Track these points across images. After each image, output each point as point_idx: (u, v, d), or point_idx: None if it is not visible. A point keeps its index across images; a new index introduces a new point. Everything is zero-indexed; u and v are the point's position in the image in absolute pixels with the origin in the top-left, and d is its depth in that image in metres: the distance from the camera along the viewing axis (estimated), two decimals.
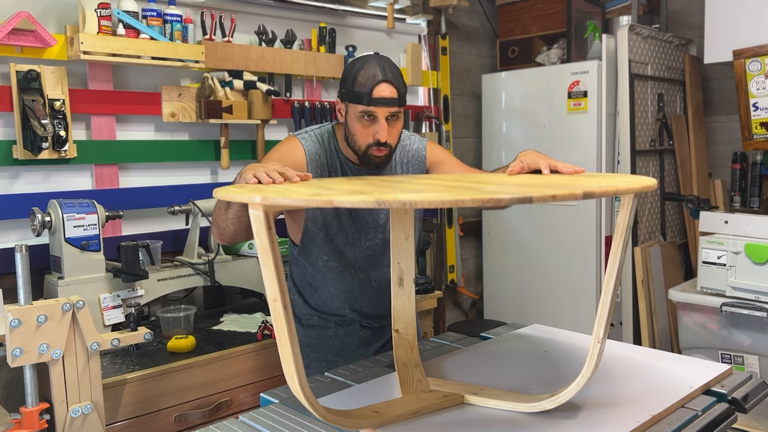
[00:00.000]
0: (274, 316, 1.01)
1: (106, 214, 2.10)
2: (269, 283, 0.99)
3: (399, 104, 1.57)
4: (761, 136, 2.86)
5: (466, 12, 3.68)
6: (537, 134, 3.36)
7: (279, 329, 1.00)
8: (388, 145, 1.59)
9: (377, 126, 1.57)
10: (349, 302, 1.76)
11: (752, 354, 2.39)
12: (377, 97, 1.54)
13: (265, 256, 0.97)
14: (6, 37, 2.00)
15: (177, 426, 1.94)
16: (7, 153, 2.10)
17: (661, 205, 3.34)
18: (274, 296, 0.99)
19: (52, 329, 1.56)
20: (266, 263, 0.98)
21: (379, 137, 1.57)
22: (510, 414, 1.17)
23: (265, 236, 0.96)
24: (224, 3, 2.61)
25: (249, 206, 0.97)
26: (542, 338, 1.63)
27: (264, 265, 0.99)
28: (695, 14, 3.42)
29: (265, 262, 0.98)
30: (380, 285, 1.75)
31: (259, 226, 0.96)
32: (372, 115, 1.56)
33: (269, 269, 0.98)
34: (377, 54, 1.64)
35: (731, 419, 1.21)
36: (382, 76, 1.54)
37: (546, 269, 3.36)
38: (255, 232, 0.98)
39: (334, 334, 1.80)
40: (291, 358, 1.00)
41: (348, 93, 1.58)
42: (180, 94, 2.46)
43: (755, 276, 2.34)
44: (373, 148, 1.59)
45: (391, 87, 1.55)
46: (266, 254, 0.97)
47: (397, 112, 1.59)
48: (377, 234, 1.71)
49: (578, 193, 0.89)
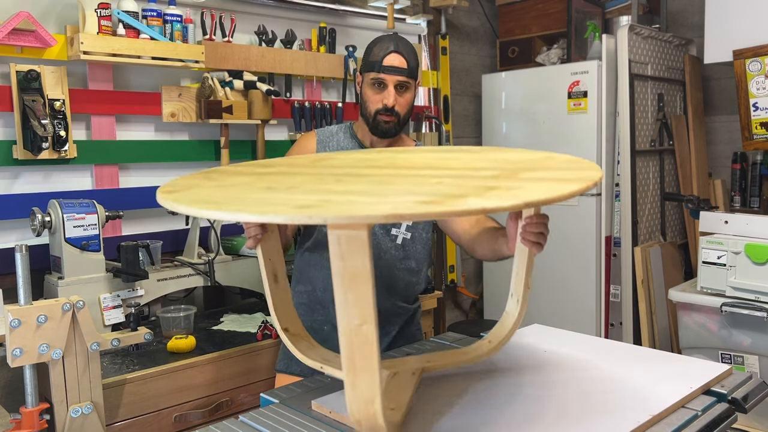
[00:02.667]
0: (361, 342, 0.90)
1: (106, 214, 2.10)
2: (357, 306, 0.88)
3: (408, 75, 1.71)
4: (761, 136, 2.86)
5: (466, 12, 3.68)
6: (537, 134, 3.36)
7: (365, 352, 0.90)
8: (396, 112, 1.73)
9: (386, 92, 1.71)
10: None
11: (752, 354, 2.39)
12: (387, 65, 1.69)
13: (358, 276, 0.87)
14: (6, 37, 2.00)
15: (177, 426, 1.94)
16: (7, 153, 2.10)
17: (661, 205, 3.34)
18: (360, 321, 0.89)
19: (52, 329, 1.56)
20: (359, 284, 0.87)
21: (387, 102, 1.70)
22: (510, 414, 1.17)
23: (366, 255, 0.86)
24: (224, 3, 2.61)
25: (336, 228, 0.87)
26: (542, 338, 1.63)
27: (353, 289, 0.87)
28: (695, 14, 3.42)
29: (357, 283, 0.88)
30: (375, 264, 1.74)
31: (351, 248, 0.86)
32: (382, 82, 1.71)
33: (361, 291, 0.87)
34: (395, 33, 1.80)
35: (731, 419, 1.21)
36: (394, 48, 1.71)
37: (546, 269, 3.36)
38: (339, 254, 0.88)
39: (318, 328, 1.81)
40: (375, 383, 0.92)
41: (363, 64, 1.75)
42: (180, 94, 2.46)
43: (755, 276, 2.34)
44: (381, 114, 1.72)
45: (401, 57, 1.70)
46: (362, 274, 0.87)
47: (406, 83, 1.72)
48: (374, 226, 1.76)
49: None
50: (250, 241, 1.32)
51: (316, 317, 1.82)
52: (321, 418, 1.21)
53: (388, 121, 1.73)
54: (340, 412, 1.19)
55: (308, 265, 1.82)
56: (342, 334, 0.92)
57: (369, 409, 0.95)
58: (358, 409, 0.96)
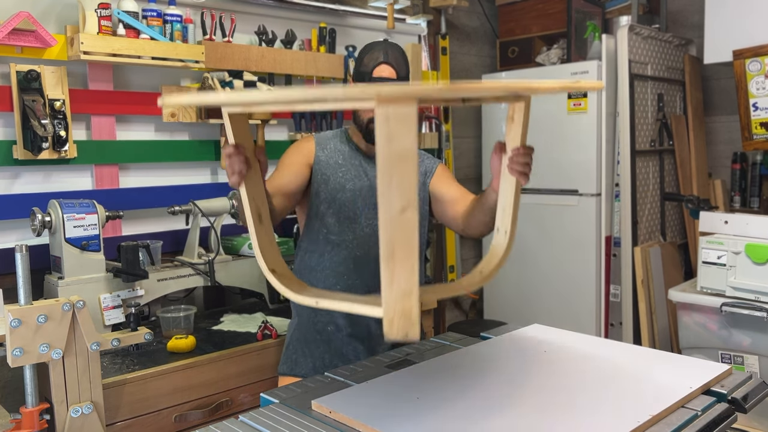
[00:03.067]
0: (402, 229, 0.87)
1: (106, 214, 2.10)
2: (400, 190, 0.84)
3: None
4: (761, 136, 2.86)
5: (466, 12, 3.68)
6: (537, 134, 3.35)
7: (406, 240, 0.87)
8: None
9: None
10: (342, 277, 1.78)
11: (752, 354, 2.39)
12: (376, 76, 1.70)
13: (405, 157, 0.83)
14: (6, 37, 2.00)
15: (177, 426, 1.94)
16: (8, 153, 2.10)
17: (661, 205, 3.34)
18: (403, 205, 0.86)
19: (52, 329, 1.56)
20: (405, 166, 0.84)
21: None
22: (510, 414, 1.17)
23: (413, 134, 0.82)
24: (224, 3, 2.61)
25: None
26: (542, 338, 1.63)
27: (399, 171, 0.84)
28: (695, 14, 3.42)
29: (403, 165, 0.84)
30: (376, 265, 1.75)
31: (400, 127, 0.82)
32: None
33: (407, 173, 0.84)
34: (386, 40, 1.79)
35: (731, 419, 1.21)
36: (383, 59, 1.70)
37: (546, 269, 3.36)
38: (386, 134, 0.83)
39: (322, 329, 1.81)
40: (415, 274, 0.89)
41: (355, 73, 1.75)
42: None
43: (755, 276, 2.34)
44: (373, 123, 1.71)
45: (391, 68, 1.71)
46: (409, 155, 0.83)
47: None
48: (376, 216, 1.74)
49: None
50: (234, 178, 1.31)
51: (319, 318, 1.82)
52: (321, 418, 1.22)
53: None
54: (340, 412, 1.20)
55: (308, 268, 1.82)
56: (383, 223, 0.88)
57: (406, 302, 0.91)
58: (398, 304, 0.92)
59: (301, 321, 1.87)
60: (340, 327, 1.81)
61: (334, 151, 1.81)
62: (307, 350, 1.84)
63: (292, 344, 1.88)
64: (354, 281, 1.78)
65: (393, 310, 0.93)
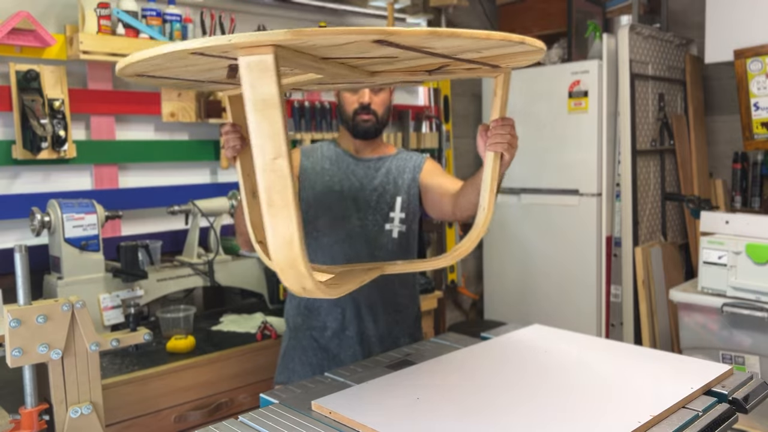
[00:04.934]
0: (277, 176, 0.90)
1: (106, 214, 2.10)
2: (270, 138, 0.88)
3: None
4: (762, 135, 2.86)
5: (466, 12, 3.67)
6: (537, 134, 3.36)
7: (279, 190, 0.90)
8: (373, 111, 1.78)
9: (362, 92, 1.76)
10: None
11: (753, 354, 2.38)
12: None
13: (269, 104, 0.87)
14: (5, 36, 1.99)
15: (177, 426, 1.93)
16: (7, 153, 2.10)
17: (661, 205, 3.34)
18: (275, 154, 0.89)
19: (52, 329, 1.55)
20: (270, 112, 0.87)
21: (363, 100, 1.76)
22: (510, 414, 1.16)
23: (273, 81, 0.85)
24: (224, 3, 2.61)
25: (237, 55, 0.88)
26: (542, 338, 1.63)
27: (265, 118, 0.87)
28: (696, 14, 3.42)
29: (268, 112, 0.87)
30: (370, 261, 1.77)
31: (260, 74, 0.86)
32: None
33: (272, 119, 0.87)
34: None
35: (732, 420, 1.21)
36: None
37: (546, 269, 3.36)
38: (249, 82, 0.87)
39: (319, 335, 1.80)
40: (293, 221, 0.90)
41: None
42: (179, 93, 2.46)
43: (756, 276, 2.34)
44: (359, 114, 1.78)
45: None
46: (272, 102, 0.87)
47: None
48: (367, 215, 1.78)
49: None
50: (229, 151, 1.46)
51: (315, 324, 1.81)
52: (321, 418, 1.21)
53: (366, 119, 1.78)
54: (340, 412, 1.19)
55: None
56: (258, 172, 0.91)
57: (289, 251, 0.93)
58: (282, 253, 0.93)
59: (296, 328, 1.85)
60: (336, 331, 1.80)
61: (321, 158, 1.84)
62: (304, 357, 1.82)
63: (288, 352, 1.86)
64: None
65: (282, 259, 0.94)
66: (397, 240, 1.79)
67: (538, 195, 3.36)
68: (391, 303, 1.82)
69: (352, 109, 1.78)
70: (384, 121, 1.82)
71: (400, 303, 1.84)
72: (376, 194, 1.79)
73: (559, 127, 3.25)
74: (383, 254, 1.77)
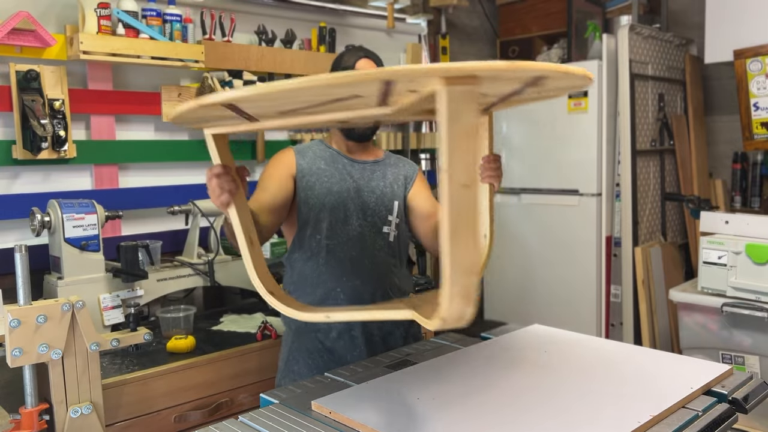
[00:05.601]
0: (466, 204, 0.90)
1: (106, 214, 2.10)
2: (465, 166, 0.89)
3: None
4: (762, 136, 2.86)
5: (466, 12, 3.67)
6: (537, 134, 3.36)
7: (466, 218, 0.90)
8: None
9: None
10: (341, 279, 1.75)
11: (753, 354, 2.39)
12: (360, 68, 1.74)
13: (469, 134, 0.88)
14: (6, 36, 2.00)
15: (177, 426, 1.93)
16: (7, 153, 2.10)
17: (661, 205, 3.34)
18: (467, 181, 0.90)
19: (52, 329, 1.55)
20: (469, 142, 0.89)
21: None
22: (510, 415, 1.17)
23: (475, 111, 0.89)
24: (224, 3, 2.61)
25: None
26: (542, 338, 1.63)
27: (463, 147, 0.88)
28: (696, 14, 3.42)
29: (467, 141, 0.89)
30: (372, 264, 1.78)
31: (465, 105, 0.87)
32: None
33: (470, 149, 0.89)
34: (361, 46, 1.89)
35: (732, 419, 1.21)
36: (364, 54, 1.79)
37: (546, 269, 3.36)
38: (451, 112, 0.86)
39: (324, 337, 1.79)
40: (477, 250, 0.91)
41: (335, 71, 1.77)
42: (180, 94, 2.46)
43: (756, 276, 2.34)
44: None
45: (371, 62, 1.78)
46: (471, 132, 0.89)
47: None
48: (366, 217, 1.78)
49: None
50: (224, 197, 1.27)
51: (320, 326, 1.79)
52: (321, 418, 1.21)
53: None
54: (340, 412, 1.19)
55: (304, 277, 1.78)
56: (447, 199, 0.89)
57: (468, 281, 0.91)
58: (459, 283, 0.91)
59: (299, 331, 1.82)
60: (341, 332, 1.78)
61: (315, 157, 1.80)
62: (310, 361, 1.78)
63: (293, 355, 1.81)
64: (354, 282, 1.76)
65: (453, 290, 0.92)
66: (392, 243, 1.80)
67: (538, 195, 3.36)
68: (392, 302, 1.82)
69: None
70: (378, 123, 1.82)
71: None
72: (375, 197, 1.79)
73: (559, 127, 3.25)
74: (380, 256, 1.78)
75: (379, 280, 1.77)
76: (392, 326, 1.83)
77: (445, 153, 0.87)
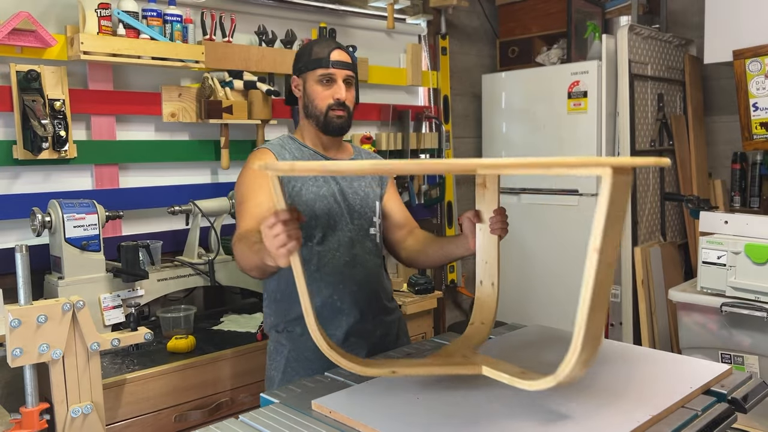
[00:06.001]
0: (607, 282, 0.98)
1: (106, 214, 2.10)
2: (614, 246, 0.98)
3: (353, 69, 1.74)
4: (761, 136, 2.86)
5: (466, 12, 3.68)
6: (537, 134, 3.36)
7: (606, 291, 0.98)
8: (347, 106, 1.73)
9: (336, 87, 1.71)
10: (338, 287, 1.72)
11: (752, 354, 2.39)
12: (335, 59, 1.71)
13: (621, 218, 0.97)
14: (6, 37, 2.00)
15: (177, 426, 1.94)
16: (7, 153, 2.10)
17: (661, 205, 3.34)
18: (612, 259, 0.98)
19: (52, 329, 1.56)
20: (620, 224, 0.98)
21: (339, 96, 1.71)
22: (510, 414, 1.17)
23: (628, 197, 0.98)
24: (224, 3, 2.61)
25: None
26: (542, 338, 1.63)
27: (616, 228, 0.97)
28: (695, 14, 3.42)
29: (619, 224, 0.98)
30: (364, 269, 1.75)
31: (623, 193, 0.95)
32: (331, 77, 1.71)
33: (619, 230, 0.98)
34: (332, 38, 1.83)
35: (731, 419, 1.21)
36: (336, 45, 1.74)
37: (546, 269, 3.36)
38: (611, 198, 0.94)
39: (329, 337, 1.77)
40: (605, 319, 1.00)
41: (306, 63, 1.74)
42: (180, 94, 2.46)
43: (755, 276, 2.34)
44: (334, 109, 1.72)
45: (345, 53, 1.74)
46: (622, 216, 0.98)
47: (352, 77, 1.74)
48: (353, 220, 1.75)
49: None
50: (291, 245, 1.15)
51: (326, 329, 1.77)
52: (321, 418, 1.21)
53: (340, 115, 1.72)
54: (341, 412, 1.20)
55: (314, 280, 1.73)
56: (594, 274, 0.96)
57: (593, 348, 1.00)
58: (586, 351, 0.99)
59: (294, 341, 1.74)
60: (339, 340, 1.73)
61: (293, 158, 1.73)
62: (310, 370, 1.70)
63: (290, 365, 1.74)
64: (351, 288, 1.72)
65: (580, 357, 1.02)
66: (378, 244, 1.80)
67: (537, 195, 3.37)
68: (384, 307, 1.82)
69: (326, 104, 1.70)
70: (352, 117, 1.77)
71: (387, 307, 1.83)
72: (359, 198, 1.76)
73: (559, 127, 3.26)
74: (369, 259, 1.76)
75: (371, 284, 1.76)
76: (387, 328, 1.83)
77: (599, 234, 0.95)
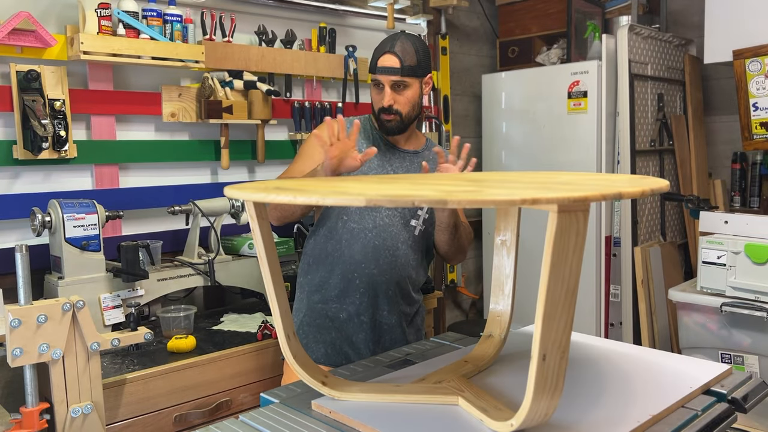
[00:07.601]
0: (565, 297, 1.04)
1: (106, 214, 2.10)
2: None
3: (402, 74, 1.75)
4: (761, 136, 2.86)
5: (466, 12, 3.68)
6: (537, 134, 3.36)
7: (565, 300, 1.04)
8: (396, 111, 1.78)
9: (383, 93, 1.77)
10: (360, 265, 1.79)
11: (752, 354, 2.39)
12: (380, 66, 1.76)
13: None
14: (6, 37, 2.00)
15: (177, 426, 1.94)
16: (8, 153, 2.10)
17: (660, 205, 3.34)
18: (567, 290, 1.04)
19: (52, 329, 1.56)
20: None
21: (383, 103, 1.77)
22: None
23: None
24: (224, 3, 2.61)
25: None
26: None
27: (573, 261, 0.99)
28: (695, 14, 3.42)
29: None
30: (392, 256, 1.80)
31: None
32: (379, 83, 1.78)
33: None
34: (403, 32, 1.83)
35: (731, 419, 1.21)
36: (389, 48, 1.76)
37: None
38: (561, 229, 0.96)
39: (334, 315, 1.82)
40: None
41: (370, 64, 1.82)
42: (180, 94, 2.46)
43: (755, 276, 2.34)
44: (383, 114, 1.79)
45: (394, 57, 1.75)
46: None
47: (402, 82, 1.76)
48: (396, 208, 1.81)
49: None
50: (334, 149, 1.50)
51: (330, 306, 1.83)
52: (321, 418, 1.21)
53: (389, 120, 1.79)
54: (341, 412, 1.20)
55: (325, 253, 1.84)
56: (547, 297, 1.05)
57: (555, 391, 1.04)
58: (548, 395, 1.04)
59: (311, 307, 1.87)
60: (351, 315, 1.83)
61: (360, 139, 1.83)
62: (319, 336, 1.85)
63: (303, 329, 1.88)
64: (371, 270, 1.80)
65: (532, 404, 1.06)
66: (417, 237, 1.83)
67: None
68: (406, 296, 1.86)
69: (378, 108, 1.80)
70: (411, 118, 1.83)
71: (412, 298, 1.89)
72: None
73: (559, 127, 3.25)
74: (402, 249, 1.81)
75: (395, 273, 1.80)
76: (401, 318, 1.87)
77: (546, 266, 1.01)
